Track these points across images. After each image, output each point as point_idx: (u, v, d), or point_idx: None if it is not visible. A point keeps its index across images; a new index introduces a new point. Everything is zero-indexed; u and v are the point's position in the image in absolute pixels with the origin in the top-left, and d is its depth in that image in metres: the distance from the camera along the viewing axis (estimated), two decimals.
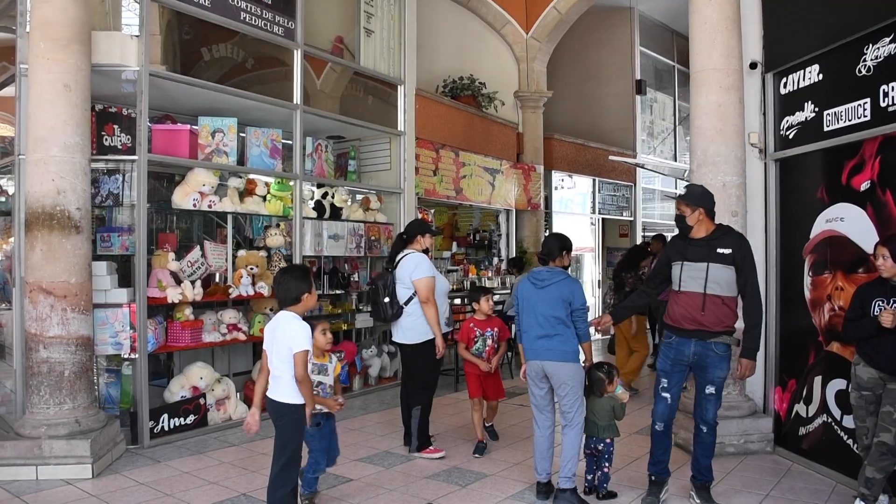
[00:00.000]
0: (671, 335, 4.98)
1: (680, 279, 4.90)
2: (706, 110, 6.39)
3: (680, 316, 4.89)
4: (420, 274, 6.06)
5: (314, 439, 4.87)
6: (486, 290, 6.67)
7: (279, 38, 7.59)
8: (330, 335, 4.89)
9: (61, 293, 5.58)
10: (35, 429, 5.47)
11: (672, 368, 4.96)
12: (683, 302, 4.88)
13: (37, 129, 5.57)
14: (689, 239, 4.98)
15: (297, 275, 4.28)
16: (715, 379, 4.88)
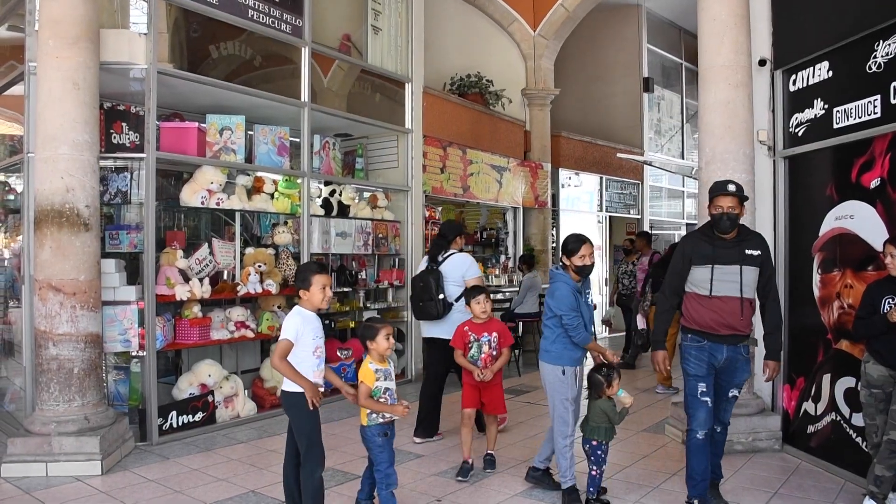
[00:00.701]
0: (701, 339, 4.71)
1: (711, 283, 4.64)
2: (715, 107, 6.37)
3: (714, 322, 4.65)
4: (473, 273, 6.55)
5: (383, 451, 4.42)
6: (480, 290, 5.72)
7: (287, 35, 7.60)
8: (393, 340, 4.51)
9: (70, 290, 5.60)
10: (45, 425, 5.50)
11: (708, 372, 4.70)
12: (718, 307, 4.64)
13: (46, 127, 5.59)
14: (716, 239, 4.71)
15: (299, 273, 4.51)
16: (741, 382, 4.83)
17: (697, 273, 4.73)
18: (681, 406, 6.57)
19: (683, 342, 4.82)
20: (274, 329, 7.37)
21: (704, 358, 4.70)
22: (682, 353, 4.87)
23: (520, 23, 12.89)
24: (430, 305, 6.45)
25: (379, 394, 4.38)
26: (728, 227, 4.65)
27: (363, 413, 4.42)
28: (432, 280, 6.44)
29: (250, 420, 7.12)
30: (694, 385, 4.71)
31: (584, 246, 4.96)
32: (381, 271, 9.20)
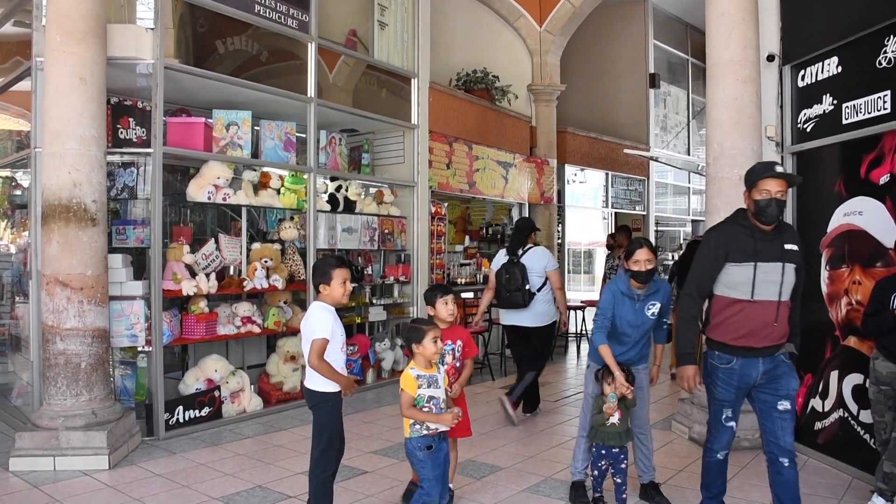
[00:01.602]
0: (730, 357, 4.05)
1: (754, 285, 3.94)
2: (723, 103, 6.35)
3: (749, 331, 3.98)
4: (553, 265, 7.20)
5: (425, 466, 4.11)
6: (445, 290, 4.94)
7: (293, 30, 7.59)
8: (441, 344, 4.18)
9: (78, 285, 5.61)
10: (52, 420, 5.51)
11: (736, 397, 4.13)
12: (755, 313, 3.95)
13: (53, 122, 5.59)
14: (756, 231, 4.01)
15: (318, 267, 4.43)
16: (790, 391, 4.09)
17: (736, 272, 4.00)
18: (687, 402, 6.61)
19: (708, 358, 4.17)
20: (280, 324, 7.38)
21: (733, 381, 4.08)
22: (705, 369, 4.24)
23: (526, 18, 12.86)
24: (516, 295, 6.94)
25: (422, 402, 4.07)
26: (776, 217, 3.95)
27: (406, 423, 4.14)
28: (518, 272, 6.94)
29: (257, 415, 7.12)
30: (719, 409, 4.19)
31: (640, 251, 4.62)
32: (386, 267, 9.20)
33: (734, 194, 6.27)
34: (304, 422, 6.95)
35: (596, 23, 14.50)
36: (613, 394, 4.54)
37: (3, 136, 7.86)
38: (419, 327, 4.15)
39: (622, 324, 4.75)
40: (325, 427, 4.32)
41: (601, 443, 4.66)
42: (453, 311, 4.82)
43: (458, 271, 10.61)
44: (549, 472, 5.53)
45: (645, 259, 4.60)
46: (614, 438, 4.63)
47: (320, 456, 4.29)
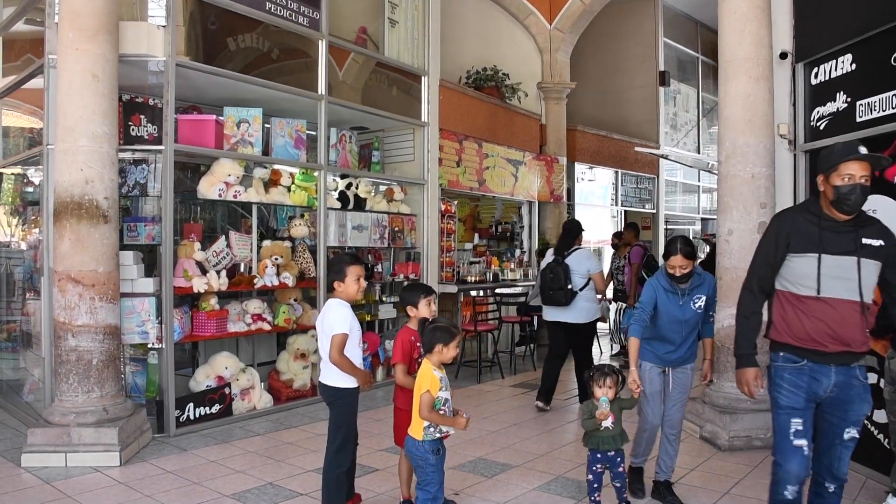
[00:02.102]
0: (799, 358, 3.59)
1: (819, 279, 3.49)
2: (735, 101, 6.33)
3: (818, 333, 3.51)
4: (597, 267, 7.65)
5: (436, 471, 4.09)
6: (429, 290, 4.78)
7: (304, 28, 7.59)
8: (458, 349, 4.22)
9: (89, 282, 5.62)
10: (64, 416, 5.52)
11: (806, 404, 3.57)
12: (825, 314, 3.50)
13: (65, 118, 5.60)
14: (824, 220, 3.56)
15: (333, 264, 4.59)
16: (860, 417, 3.63)
17: (798, 264, 3.58)
18: (699, 401, 6.58)
19: (773, 362, 3.74)
20: (290, 322, 7.38)
21: (803, 384, 3.57)
22: (769, 376, 3.79)
23: (536, 16, 12.81)
24: (559, 294, 7.38)
25: (440, 405, 4.05)
26: (858, 204, 3.48)
27: (418, 426, 4.05)
28: (561, 271, 7.40)
29: (267, 412, 7.13)
30: (785, 421, 3.61)
31: (674, 258, 4.60)
32: (396, 265, 9.19)
33: (746, 192, 6.27)
34: (315, 419, 6.96)
35: (605, 20, 14.42)
36: (605, 398, 4.42)
37: (15, 134, 7.89)
38: (450, 330, 4.12)
39: (667, 319, 4.70)
40: (342, 423, 4.37)
41: (595, 447, 4.58)
42: (436, 311, 4.75)
43: (468, 269, 10.59)
44: (560, 471, 5.52)
45: (679, 265, 4.60)
46: (609, 442, 4.54)
47: (336, 452, 4.34)
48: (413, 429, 4.11)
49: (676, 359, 4.80)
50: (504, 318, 9.84)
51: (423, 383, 4.01)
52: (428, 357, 4.11)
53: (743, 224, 6.27)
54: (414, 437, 4.09)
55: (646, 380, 4.79)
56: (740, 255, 6.24)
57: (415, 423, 4.09)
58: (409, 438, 4.13)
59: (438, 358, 4.08)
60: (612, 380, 4.48)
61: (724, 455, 5.92)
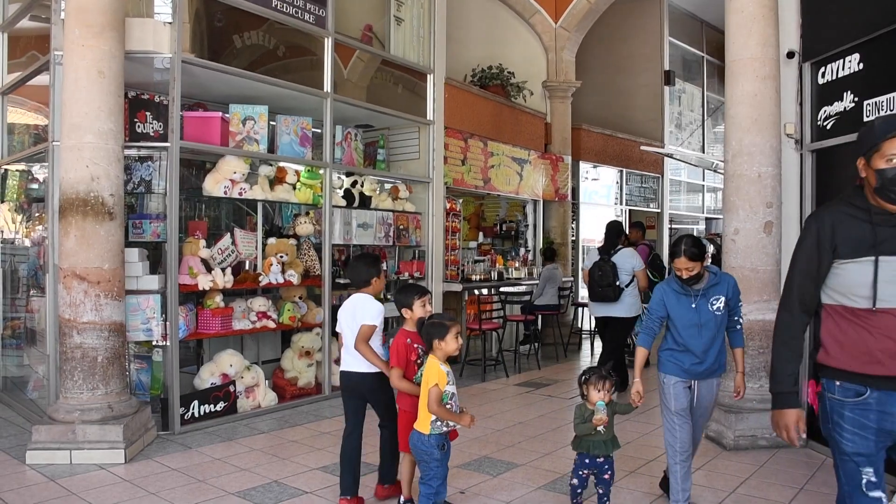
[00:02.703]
0: (862, 387, 2.85)
1: (875, 288, 2.81)
2: (742, 100, 6.31)
3: (881, 352, 2.80)
4: (640, 265, 8.17)
5: (441, 466, 4.11)
6: (423, 290, 4.66)
7: (310, 25, 7.57)
8: (461, 340, 4.19)
9: (95, 279, 5.62)
10: (69, 413, 5.52)
11: (877, 447, 2.84)
12: (888, 327, 2.80)
13: (71, 115, 5.60)
14: (876, 214, 2.88)
15: (368, 261, 4.87)
16: None
17: (849, 272, 2.89)
18: None
19: (826, 392, 3.02)
20: (295, 320, 7.37)
21: (870, 423, 2.83)
22: (822, 411, 3.08)
23: (541, 14, 12.79)
24: (608, 290, 7.95)
25: (447, 399, 4.04)
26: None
27: (425, 420, 4.05)
28: (609, 269, 7.94)
29: (271, 410, 7.12)
30: (854, 470, 2.86)
31: (678, 261, 4.33)
32: (401, 263, 9.18)
33: (752, 191, 6.25)
34: (319, 417, 6.96)
35: (611, 19, 14.39)
36: (602, 402, 4.22)
37: (21, 131, 7.89)
38: (443, 323, 4.14)
39: (682, 325, 4.38)
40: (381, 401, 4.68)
41: (585, 451, 4.39)
42: (431, 311, 4.64)
43: (472, 268, 10.58)
44: (565, 470, 5.46)
45: (685, 268, 4.31)
46: (599, 447, 4.35)
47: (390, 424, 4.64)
48: (420, 423, 4.10)
49: (704, 370, 4.42)
50: (508, 316, 9.82)
51: (431, 377, 4.00)
52: (432, 353, 4.11)
53: (749, 223, 6.25)
54: (420, 431, 4.09)
55: (670, 396, 4.44)
56: (746, 254, 6.23)
57: (422, 418, 4.08)
58: (415, 433, 4.11)
59: (441, 353, 4.08)
60: (610, 383, 4.32)
61: (729, 454, 5.91)
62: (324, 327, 7.69)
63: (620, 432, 4.68)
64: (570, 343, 11.47)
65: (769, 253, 6.26)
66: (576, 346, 11.75)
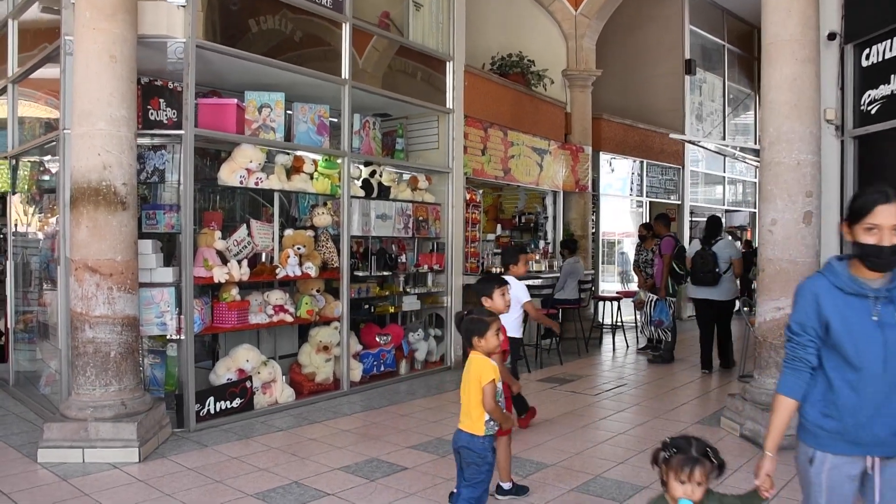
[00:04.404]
0: None
1: None
2: (780, 84, 6.03)
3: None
4: (737, 255, 9.21)
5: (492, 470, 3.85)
6: (502, 280, 4.92)
7: (327, 10, 7.33)
8: (501, 336, 3.97)
9: (107, 271, 5.40)
10: (81, 411, 5.31)
11: None
12: None
13: (82, 101, 5.38)
14: None
15: (516, 249, 6.39)
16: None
17: None
18: (738, 398, 6.31)
19: None
20: (313, 313, 7.15)
21: None
22: None
23: (561, 2, 12.47)
24: (708, 276, 9.00)
25: (499, 397, 3.86)
26: None
27: (479, 420, 3.77)
28: (710, 257, 8.98)
29: (289, 407, 6.90)
30: None
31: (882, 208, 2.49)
32: (420, 255, 8.94)
33: (791, 180, 5.98)
34: (338, 414, 6.75)
35: (630, 7, 14.05)
36: (687, 500, 2.63)
37: (31, 122, 7.68)
38: (482, 319, 3.90)
39: (856, 350, 2.58)
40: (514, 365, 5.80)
41: None
42: (510, 301, 4.84)
43: (492, 261, 10.33)
44: (598, 471, 5.25)
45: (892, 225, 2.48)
46: None
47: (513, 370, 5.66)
48: (474, 424, 3.79)
49: (889, 435, 2.59)
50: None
51: (486, 374, 3.73)
52: (474, 350, 3.87)
53: (788, 214, 5.98)
54: (475, 433, 3.78)
55: (820, 490, 2.73)
56: (784, 245, 5.97)
57: (475, 417, 3.78)
58: (468, 434, 3.80)
59: (483, 350, 3.84)
60: (702, 470, 2.63)
61: None
62: (342, 321, 7.46)
63: None
64: (591, 337, 11.21)
65: (808, 244, 5.98)
66: (597, 341, 11.49)
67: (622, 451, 5.75)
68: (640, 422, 6.69)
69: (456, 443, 3.87)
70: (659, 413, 7.02)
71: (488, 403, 3.72)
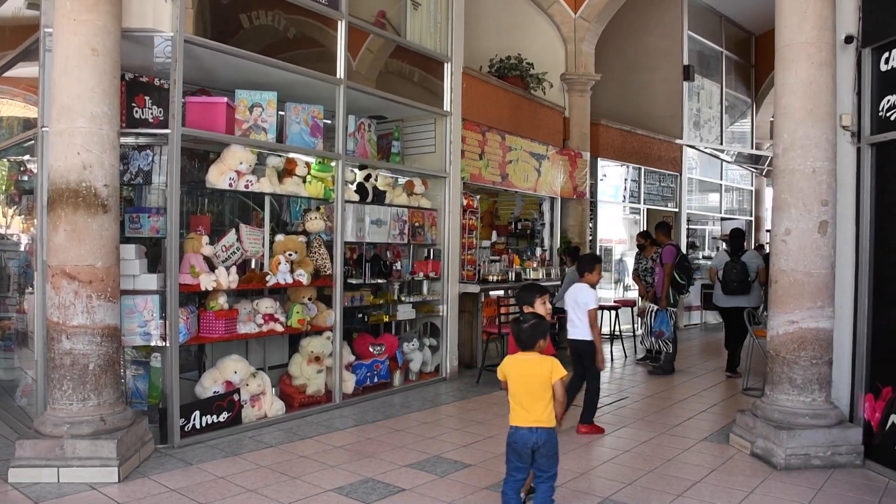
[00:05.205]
0: None
1: None
2: (794, 88, 5.79)
3: None
4: (763, 264, 9.41)
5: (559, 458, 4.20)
6: (543, 289, 5.13)
7: (323, 6, 7.04)
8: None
9: (86, 278, 5.07)
10: (57, 427, 4.97)
11: None
12: None
13: (62, 96, 5.05)
14: None
15: (586, 258, 7.17)
16: None
17: None
18: (748, 414, 6.04)
19: None
20: (304, 323, 6.84)
21: None
22: None
23: (560, 4, 12.25)
24: (741, 286, 9.47)
25: None
26: None
27: (551, 414, 4.08)
28: (741, 268, 9.50)
29: (278, 421, 6.59)
30: None
31: None
32: (415, 262, 8.64)
33: (807, 188, 5.74)
34: (331, 429, 6.44)
35: (629, 11, 13.84)
36: None
37: (10, 121, 7.35)
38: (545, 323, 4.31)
39: None
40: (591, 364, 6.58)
41: None
42: (550, 309, 5.09)
43: (488, 268, 10.04)
44: (607, 492, 4.96)
45: None
46: None
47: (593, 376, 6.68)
48: (549, 418, 4.08)
49: None
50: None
51: (557, 370, 4.08)
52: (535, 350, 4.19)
53: (802, 223, 5.73)
54: (550, 426, 4.08)
55: None
56: (799, 256, 5.73)
57: (549, 413, 4.08)
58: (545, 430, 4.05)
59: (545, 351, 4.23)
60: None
61: (781, 475, 5.38)
62: (335, 330, 7.16)
63: None
64: None
65: (824, 255, 5.74)
66: None
67: (629, 470, 5.47)
68: (644, 438, 6.41)
69: (527, 442, 4.03)
70: (663, 429, 6.75)
71: (562, 395, 4.08)
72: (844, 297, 5.99)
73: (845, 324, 6.00)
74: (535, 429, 4.02)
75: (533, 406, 4.03)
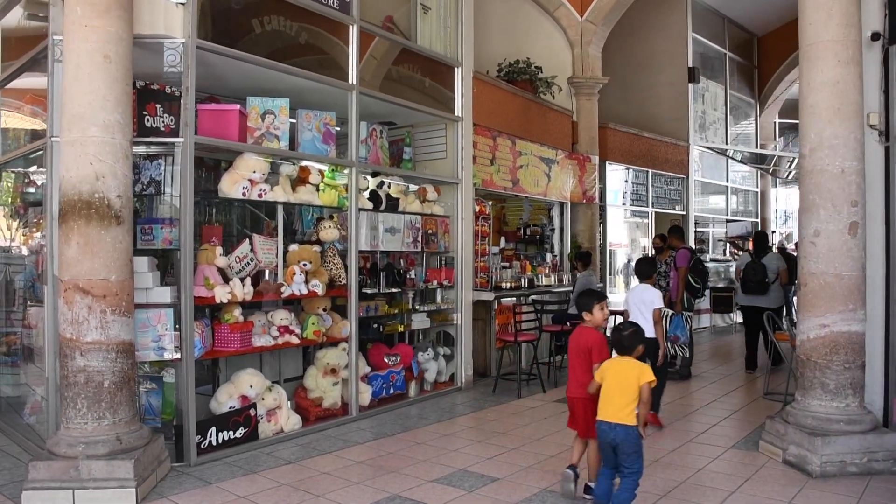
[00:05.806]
0: None
1: None
2: (821, 87, 5.66)
3: None
4: (784, 265, 9.94)
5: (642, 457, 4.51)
6: (601, 296, 5.19)
7: (334, 11, 6.90)
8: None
9: (100, 293, 4.90)
10: (71, 447, 4.79)
11: None
12: None
13: (73, 105, 4.89)
14: None
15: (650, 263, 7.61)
16: None
17: None
18: (778, 420, 5.89)
19: None
20: (320, 334, 6.67)
21: None
22: None
23: (566, 8, 12.12)
24: (760, 286, 9.82)
25: None
26: None
27: (632, 413, 4.39)
28: (760, 269, 9.84)
29: (296, 435, 6.41)
30: None
31: None
32: (429, 270, 8.47)
33: (835, 188, 5.61)
34: (349, 443, 6.27)
35: (633, 14, 13.70)
36: None
37: (16, 132, 7.18)
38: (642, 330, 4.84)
39: None
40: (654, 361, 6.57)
41: None
42: (608, 314, 5.19)
43: (501, 275, 9.88)
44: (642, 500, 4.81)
45: None
46: None
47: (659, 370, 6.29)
48: (629, 415, 4.37)
49: None
50: (544, 326, 9.09)
51: (645, 373, 4.43)
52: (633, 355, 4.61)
53: (832, 224, 5.60)
54: (631, 424, 4.37)
55: None
56: (829, 258, 5.59)
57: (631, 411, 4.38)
58: (624, 427, 4.36)
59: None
60: None
61: (818, 483, 5.23)
62: (350, 341, 6.99)
63: None
64: None
65: (854, 257, 5.60)
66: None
67: (661, 481, 5.31)
68: (672, 447, 6.25)
69: (605, 437, 4.44)
70: (689, 436, 6.59)
71: (647, 397, 4.44)
72: (875, 298, 5.87)
73: (877, 326, 5.88)
74: (613, 424, 4.38)
75: (619, 401, 4.40)
